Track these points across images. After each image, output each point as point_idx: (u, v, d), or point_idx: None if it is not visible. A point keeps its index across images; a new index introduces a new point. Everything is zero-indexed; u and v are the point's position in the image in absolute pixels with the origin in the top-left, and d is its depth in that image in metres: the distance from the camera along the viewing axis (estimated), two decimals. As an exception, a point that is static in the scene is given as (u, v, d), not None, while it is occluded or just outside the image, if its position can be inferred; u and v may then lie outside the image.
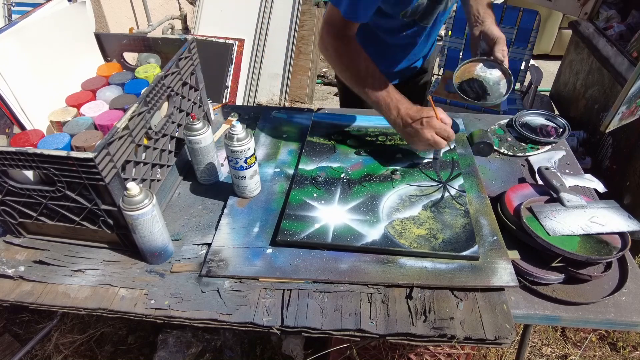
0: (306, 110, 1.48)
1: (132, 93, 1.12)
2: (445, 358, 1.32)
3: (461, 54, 2.61)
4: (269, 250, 0.98)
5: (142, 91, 1.07)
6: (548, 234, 0.94)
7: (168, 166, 1.13)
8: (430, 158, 1.20)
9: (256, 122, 1.42)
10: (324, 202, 1.07)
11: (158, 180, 1.08)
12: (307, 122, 1.38)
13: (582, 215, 0.99)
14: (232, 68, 2.95)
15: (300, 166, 1.18)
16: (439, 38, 3.49)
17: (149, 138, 1.02)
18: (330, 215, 1.03)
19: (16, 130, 1.01)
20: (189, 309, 0.88)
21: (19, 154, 0.82)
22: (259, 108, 1.50)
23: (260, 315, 0.87)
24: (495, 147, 1.30)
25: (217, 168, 1.17)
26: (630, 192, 1.92)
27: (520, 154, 1.29)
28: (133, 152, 0.95)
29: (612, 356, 1.65)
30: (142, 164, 1.00)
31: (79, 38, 1.16)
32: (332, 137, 1.29)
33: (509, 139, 1.35)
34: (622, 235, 0.96)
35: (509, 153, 1.30)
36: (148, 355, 1.63)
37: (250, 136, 1.01)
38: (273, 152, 1.28)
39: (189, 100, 1.21)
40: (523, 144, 1.33)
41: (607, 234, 0.95)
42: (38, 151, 0.82)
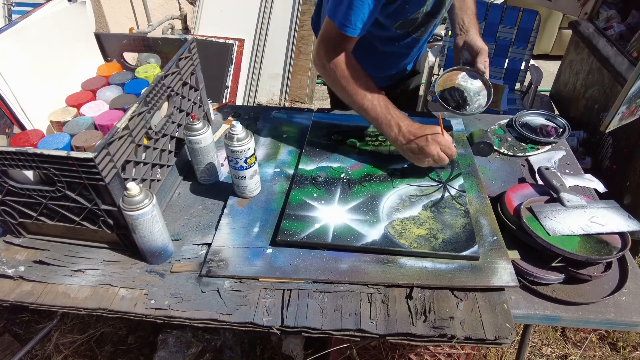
0: (306, 110, 1.48)
1: (132, 93, 1.12)
2: (445, 358, 1.32)
3: None
4: (269, 250, 0.98)
5: (142, 91, 1.07)
6: (548, 234, 0.94)
7: (168, 166, 1.13)
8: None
9: (256, 122, 1.42)
10: (324, 202, 1.07)
11: (158, 180, 1.08)
12: (307, 122, 1.38)
13: (582, 215, 0.99)
14: (232, 68, 2.95)
15: (300, 166, 1.18)
16: (439, 38, 3.50)
17: (149, 138, 1.02)
18: (330, 215, 1.03)
19: (16, 130, 1.01)
20: (189, 309, 0.88)
21: (19, 154, 0.82)
22: (259, 108, 1.50)
23: (260, 315, 0.87)
24: (495, 147, 1.30)
25: (217, 168, 1.17)
26: (630, 192, 1.92)
27: (520, 154, 1.29)
28: (133, 152, 0.95)
29: (612, 356, 1.65)
30: (142, 164, 1.00)
31: (79, 38, 1.16)
32: (332, 137, 1.29)
33: (509, 139, 1.35)
34: (622, 235, 0.96)
35: (509, 153, 1.30)
36: (148, 355, 1.63)
37: (250, 136, 1.01)
38: (273, 152, 1.28)
39: (189, 100, 1.21)
40: (523, 144, 1.33)
41: (607, 234, 0.95)
42: (38, 151, 0.82)
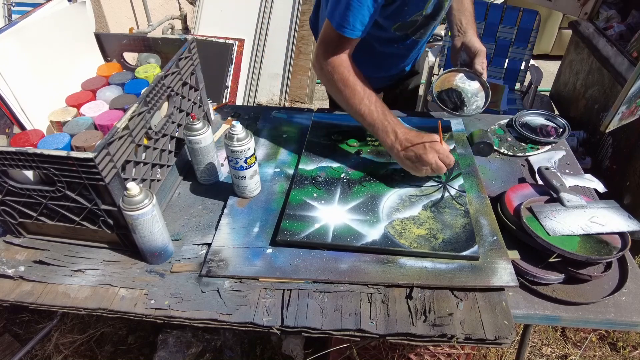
0: (306, 110, 1.48)
1: (132, 93, 1.12)
2: (445, 358, 1.32)
3: None
4: (269, 250, 0.98)
5: (142, 91, 1.07)
6: (548, 234, 0.94)
7: (168, 166, 1.13)
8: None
9: (256, 122, 1.42)
10: (324, 202, 1.07)
11: (158, 180, 1.08)
12: (307, 122, 1.38)
13: (582, 215, 0.99)
14: (232, 68, 2.95)
15: (300, 166, 1.18)
16: (438, 38, 3.49)
17: (149, 138, 1.02)
18: (330, 215, 1.03)
19: (16, 130, 1.01)
20: (189, 309, 0.88)
21: (19, 154, 0.82)
22: (259, 108, 1.50)
23: (260, 315, 0.87)
24: (495, 147, 1.30)
25: (217, 168, 1.17)
26: (630, 192, 1.92)
27: (520, 154, 1.29)
28: (133, 152, 0.95)
29: (612, 356, 1.65)
30: (142, 164, 1.00)
31: (79, 38, 1.16)
32: (332, 137, 1.29)
33: (509, 139, 1.35)
34: (622, 235, 0.96)
35: (509, 153, 1.30)
36: (148, 355, 1.63)
37: (250, 136, 1.01)
38: (273, 152, 1.28)
39: (189, 100, 1.21)
40: (523, 144, 1.33)
41: (607, 234, 0.95)
42: (38, 151, 0.82)
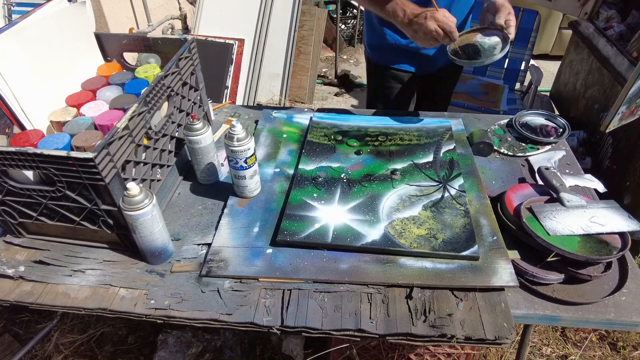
0: (306, 110, 1.48)
1: (132, 93, 1.12)
2: (445, 358, 1.32)
3: None
4: (269, 250, 0.98)
5: (142, 91, 1.07)
6: (548, 234, 0.94)
7: (168, 166, 1.13)
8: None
9: (256, 122, 1.42)
10: (324, 202, 1.07)
11: (158, 180, 1.08)
12: (307, 122, 1.38)
13: (582, 215, 0.99)
14: (232, 68, 2.95)
15: (300, 166, 1.18)
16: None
17: (149, 138, 1.02)
18: (330, 215, 1.03)
19: (16, 130, 1.01)
20: (189, 309, 0.88)
21: (19, 154, 0.82)
22: (259, 108, 1.50)
23: (260, 315, 0.87)
24: (495, 147, 1.30)
25: (217, 168, 1.17)
26: (630, 192, 1.92)
27: (520, 154, 1.29)
28: (133, 152, 0.95)
29: (612, 356, 1.65)
30: (142, 164, 1.00)
31: (79, 38, 1.16)
32: (332, 137, 1.29)
33: (509, 139, 1.35)
34: (622, 235, 0.96)
35: (509, 153, 1.30)
36: (148, 355, 1.63)
37: (250, 136, 1.01)
38: (273, 152, 1.28)
39: (189, 100, 1.21)
40: (523, 144, 1.33)
41: (607, 234, 0.95)
42: (38, 151, 0.82)
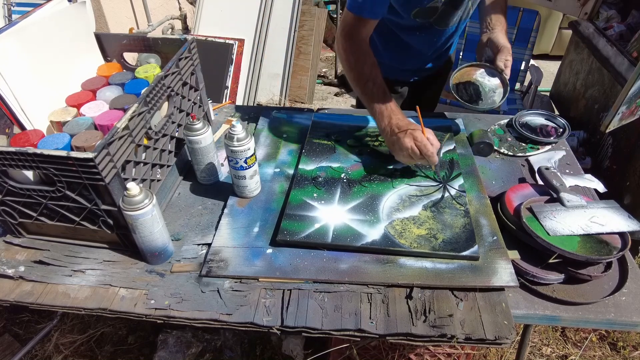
0: (306, 110, 1.48)
1: (132, 93, 1.12)
2: (445, 358, 1.32)
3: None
4: (269, 250, 0.98)
5: (142, 91, 1.07)
6: (548, 234, 0.94)
7: (168, 166, 1.13)
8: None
9: (256, 122, 1.42)
10: (324, 202, 1.07)
11: (158, 180, 1.08)
12: (307, 122, 1.38)
13: (582, 215, 0.99)
14: (232, 68, 2.95)
15: (300, 166, 1.18)
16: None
17: (149, 138, 1.02)
18: (330, 215, 1.03)
19: (16, 130, 1.01)
20: (189, 309, 0.88)
21: (19, 154, 0.82)
22: (259, 108, 1.50)
23: (260, 315, 0.87)
24: (495, 147, 1.30)
25: (217, 168, 1.17)
26: (630, 192, 1.92)
27: (520, 154, 1.29)
28: (133, 152, 0.95)
29: (612, 356, 1.65)
30: (142, 164, 1.00)
31: (79, 38, 1.16)
32: (332, 137, 1.29)
33: (509, 139, 1.35)
34: (622, 235, 0.96)
35: (509, 153, 1.29)
36: (148, 355, 1.63)
37: (250, 136, 1.01)
38: (273, 152, 1.28)
39: (189, 100, 1.21)
40: (523, 144, 1.33)
41: (607, 234, 0.95)
42: (38, 151, 0.82)
